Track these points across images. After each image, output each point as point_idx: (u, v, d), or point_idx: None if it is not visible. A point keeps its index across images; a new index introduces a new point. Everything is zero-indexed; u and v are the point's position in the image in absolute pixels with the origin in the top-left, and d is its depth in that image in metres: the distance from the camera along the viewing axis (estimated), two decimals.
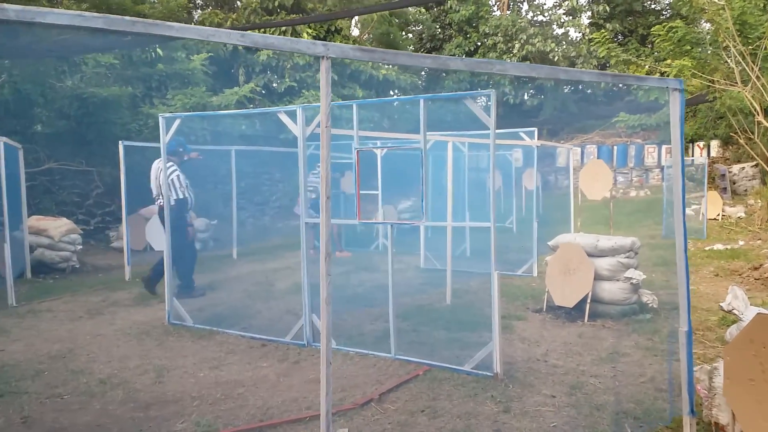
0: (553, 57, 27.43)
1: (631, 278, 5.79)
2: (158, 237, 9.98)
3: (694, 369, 3.28)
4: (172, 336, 5.18)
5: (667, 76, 13.00)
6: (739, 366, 2.90)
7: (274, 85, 18.34)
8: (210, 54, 13.09)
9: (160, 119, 5.67)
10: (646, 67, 13.73)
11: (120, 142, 7.95)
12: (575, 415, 3.56)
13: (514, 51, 27.50)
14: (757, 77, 11.42)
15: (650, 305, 5.91)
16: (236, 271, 8.55)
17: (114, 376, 4.15)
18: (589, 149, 25.14)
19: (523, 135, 8.77)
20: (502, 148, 14.96)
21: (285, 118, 5.09)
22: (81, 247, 8.52)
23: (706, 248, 9.57)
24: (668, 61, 12.91)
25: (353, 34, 26.60)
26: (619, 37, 29.35)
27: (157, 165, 6.76)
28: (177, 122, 5.64)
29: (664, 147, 23.05)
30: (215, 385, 4.00)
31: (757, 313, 2.75)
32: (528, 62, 25.99)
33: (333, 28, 22.19)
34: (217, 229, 10.86)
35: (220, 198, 11.67)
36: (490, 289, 7.48)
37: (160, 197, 6.59)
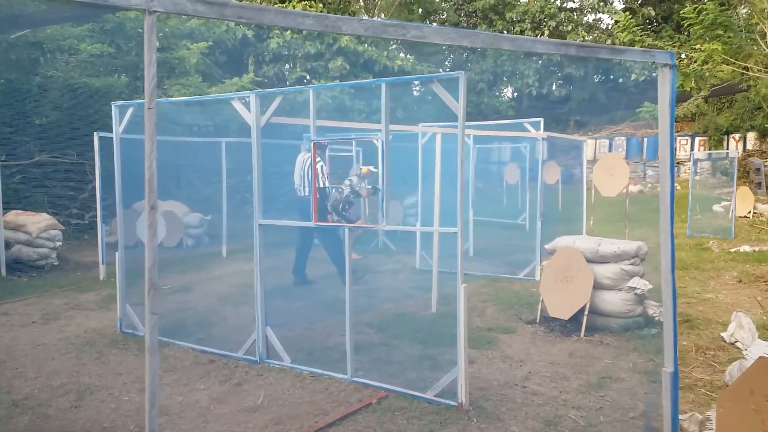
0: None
1: (635, 288, 5.12)
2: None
3: (682, 418, 2.66)
4: (117, 348, 4.74)
5: (695, 61, 12.06)
6: (736, 421, 2.27)
7: (286, 74, 17.92)
8: (210, 43, 12.66)
9: (113, 108, 5.22)
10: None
11: (95, 133, 7.57)
12: None
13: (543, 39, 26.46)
14: None
15: (657, 318, 5.22)
16: (220, 271, 8.13)
17: (31, 398, 3.71)
18: (618, 141, 24.07)
19: (528, 126, 8.07)
20: (517, 141, 14.20)
21: (238, 106, 4.58)
22: (61, 243, 8.20)
23: (732, 250, 8.74)
24: (697, 45, 11.95)
25: None
26: (654, 23, 28.01)
27: (302, 157, 7.04)
28: (130, 111, 5.17)
29: (697, 139, 21.89)
30: (135, 412, 3.52)
31: (759, 358, 2.12)
32: None
33: (349, 14, 21.63)
34: (213, 225, 10.44)
35: (219, 192, 11.24)
36: (485, 294, 6.94)
37: (302, 188, 6.98)
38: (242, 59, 16.97)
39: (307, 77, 17.91)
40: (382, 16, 26.68)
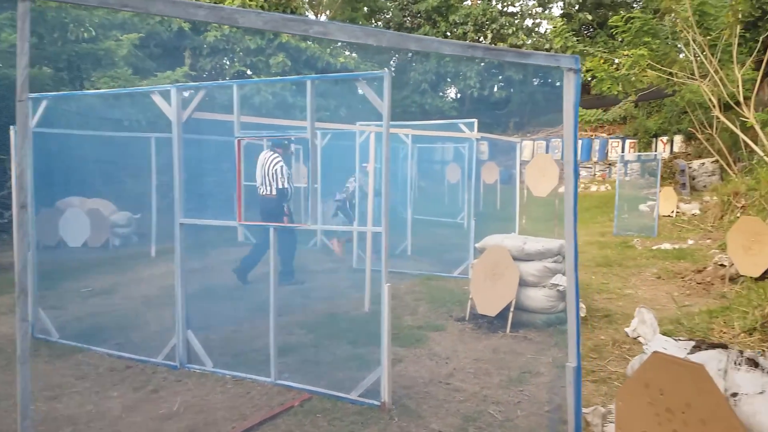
0: (525, 50, 26.93)
1: (557, 285, 5.28)
2: (74, 232, 9.20)
3: (586, 411, 2.75)
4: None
5: (623, 66, 12.57)
6: (633, 414, 2.36)
7: (226, 68, 17.52)
8: (142, 35, 12.20)
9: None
10: (600, 58, 13.25)
11: (11, 127, 7.14)
12: None
13: (486, 42, 26.97)
14: (716, 70, 11.04)
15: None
16: (148, 272, 7.85)
17: None
18: (554, 143, 24.80)
19: (462, 127, 8.18)
20: (459, 141, 14.40)
21: (158, 100, 4.42)
22: None
23: (654, 247, 9.16)
24: (625, 51, 12.45)
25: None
26: (590, 29, 29.00)
27: (264, 156, 6.99)
28: (44, 103, 4.90)
29: (627, 141, 22.83)
30: (41, 422, 3.34)
31: (653, 353, 2.21)
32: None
33: (288, 12, 21.32)
34: (142, 223, 10.06)
35: (149, 189, 10.85)
36: (419, 292, 6.99)
37: (263, 187, 6.87)
38: (178, 52, 16.46)
39: (248, 72, 17.56)
40: (328, 13, 26.49)
